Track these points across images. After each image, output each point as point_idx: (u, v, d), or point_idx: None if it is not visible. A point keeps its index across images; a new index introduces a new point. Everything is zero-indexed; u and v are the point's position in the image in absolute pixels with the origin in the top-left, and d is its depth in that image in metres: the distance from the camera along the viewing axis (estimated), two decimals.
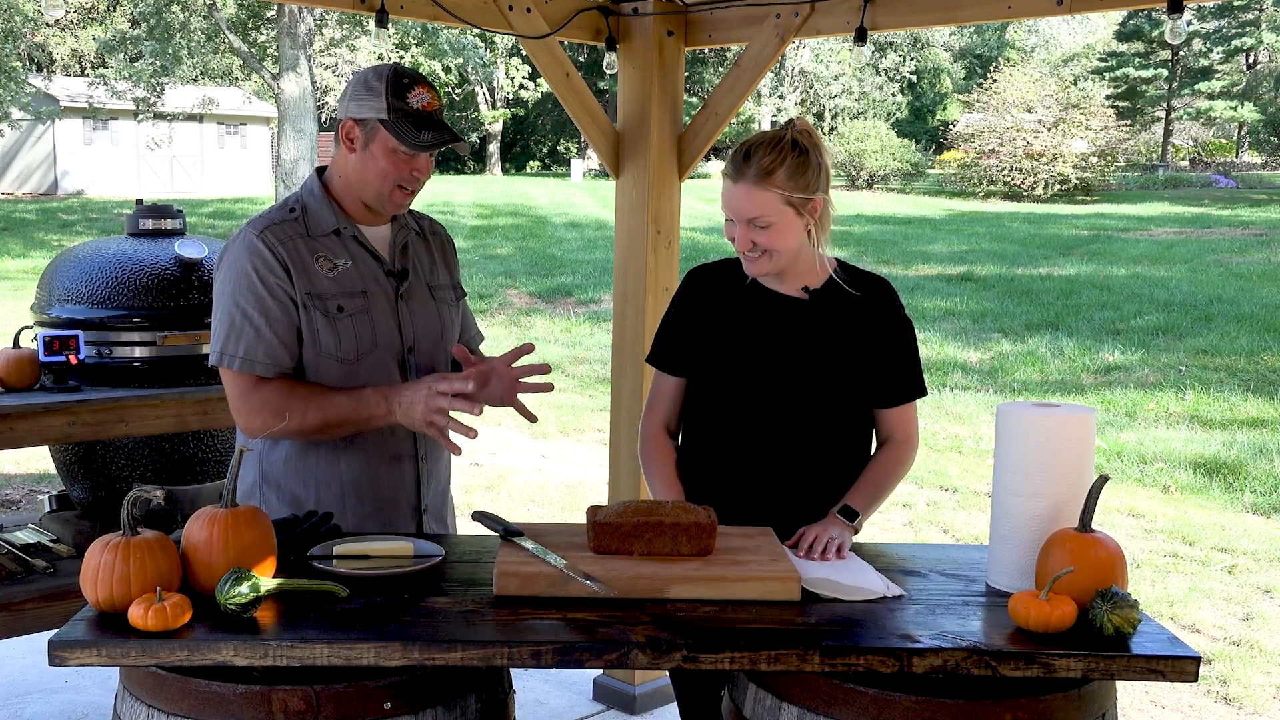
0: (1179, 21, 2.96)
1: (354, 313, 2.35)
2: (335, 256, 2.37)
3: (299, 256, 2.33)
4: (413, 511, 2.49)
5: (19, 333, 3.34)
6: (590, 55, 33.39)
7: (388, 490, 2.44)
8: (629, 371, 4.04)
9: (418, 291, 2.47)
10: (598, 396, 9.55)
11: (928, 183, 35.80)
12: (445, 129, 2.35)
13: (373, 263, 2.41)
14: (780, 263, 2.39)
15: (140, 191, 31.31)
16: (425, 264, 2.52)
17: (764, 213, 2.32)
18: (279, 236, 2.33)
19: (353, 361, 2.35)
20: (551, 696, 4.09)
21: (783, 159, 2.31)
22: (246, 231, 2.35)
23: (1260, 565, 5.81)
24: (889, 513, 6.54)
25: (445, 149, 2.40)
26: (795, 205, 2.33)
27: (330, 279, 2.35)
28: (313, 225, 2.38)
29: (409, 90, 2.31)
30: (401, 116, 2.30)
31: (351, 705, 1.78)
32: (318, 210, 2.39)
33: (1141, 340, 11.97)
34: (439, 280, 2.55)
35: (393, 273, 2.43)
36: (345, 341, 2.34)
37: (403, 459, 2.45)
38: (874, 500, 2.44)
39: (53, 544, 3.43)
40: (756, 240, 2.35)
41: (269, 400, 2.30)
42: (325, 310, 2.33)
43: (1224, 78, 41.00)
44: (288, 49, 19.21)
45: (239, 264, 2.32)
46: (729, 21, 3.87)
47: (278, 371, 2.32)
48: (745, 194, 2.32)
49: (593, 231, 21.63)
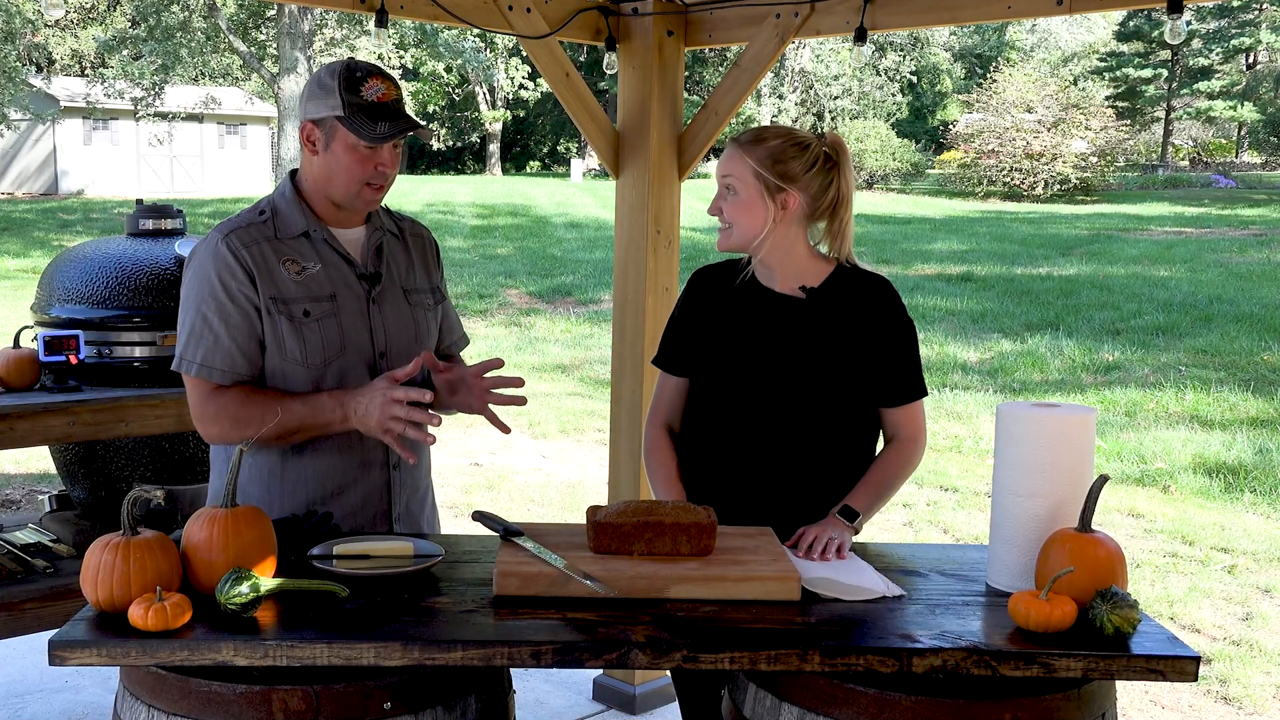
0: (1179, 21, 2.96)
1: (321, 317, 2.31)
2: (304, 259, 2.33)
3: (264, 261, 2.30)
4: (381, 518, 2.43)
5: (19, 333, 3.34)
6: (590, 55, 33.41)
7: (355, 497, 2.40)
8: (629, 372, 4.04)
9: (391, 295, 2.42)
10: (598, 397, 9.55)
11: (928, 183, 35.80)
12: (403, 118, 2.30)
13: (344, 265, 2.37)
14: (739, 240, 2.43)
15: (140, 191, 31.32)
16: (401, 267, 2.47)
17: (733, 173, 2.40)
18: (244, 240, 2.30)
19: (319, 366, 2.31)
20: (551, 696, 4.09)
21: (775, 138, 2.39)
22: (214, 235, 2.32)
23: (1260, 565, 5.81)
24: (889, 513, 6.54)
25: (410, 139, 2.36)
26: (766, 186, 2.36)
27: (297, 283, 2.31)
28: (282, 227, 2.34)
29: (362, 83, 2.27)
30: (356, 111, 2.25)
31: (351, 705, 1.79)
32: (287, 212, 2.36)
33: (1141, 340, 11.97)
34: (416, 284, 2.49)
35: (365, 275, 2.39)
36: (311, 346, 2.30)
37: (372, 465, 2.40)
38: (876, 500, 2.43)
39: (53, 544, 3.43)
40: (723, 208, 2.43)
41: (226, 409, 2.27)
42: (290, 315, 2.29)
43: (1224, 78, 40.99)
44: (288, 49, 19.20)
45: (203, 268, 2.29)
46: (729, 21, 3.87)
47: (234, 379, 2.28)
48: (727, 156, 2.43)
49: (593, 231, 21.64)
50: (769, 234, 2.40)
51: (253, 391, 2.29)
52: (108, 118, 32.35)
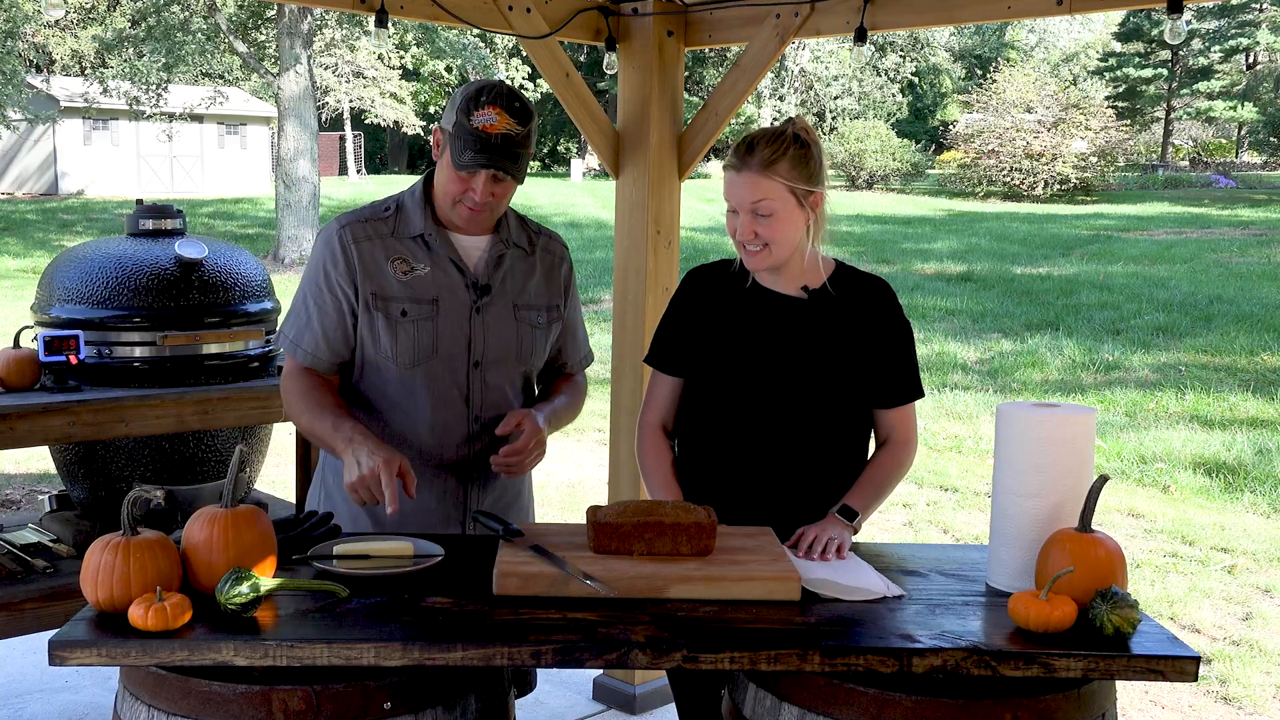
0: (1179, 21, 2.96)
1: (418, 319, 2.35)
2: (414, 260, 2.37)
3: (373, 257, 2.36)
4: (454, 525, 2.45)
5: (19, 333, 3.34)
6: (590, 55, 33.41)
7: (426, 500, 2.40)
8: (629, 371, 4.04)
9: (499, 307, 2.43)
10: (598, 397, 9.54)
11: (928, 183, 35.80)
12: (496, 153, 2.27)
13: (454, 272, 2.39)
14: (779, 256, 2.39)
15: (140, 191, 31.32)
16: (519, 281, 2.47)
17: (767, 197, 2.33)
18: (358, 235, 2.37)
19: (409, 367, 2.35)
20: (551, 696, 4.09)
21: (785, 150, 2.34)
22: (333, 224, 2.41)
23: (1260, 565, 5.81)
24: (889, 513, 6.54)
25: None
26: (798, 196, 2.35)
27: (402, 283, 2.35)
28: (401, 226, 2.40)
29: (477, 108, 2.27)
30: (461, 132, 2.27)
31: (351, 705, 1.78)
32: (411, 211, 2.41)
33: (1141, 340, 11.97)
34: (531, 300, 2.49)
35: (474, 285, 2.40)
36: (403, 346, 2.34)
37: (446, 471, 2.43)
38: (873, 501, 2.44)
39: (53, 544, 3.43)
40: (759, 231, 2.36)
41: (291, 390, 2.38)
42: (388, 313, 2.34)
43: (1224, 78, 41.00)
44: (288, 48, 19.20)
45: (316, 254, 2.40)
46: (729, 21, 3.87)
47: (314, 363, 2.37)
48: (749, 181, 2.34)
49: (593, 231, 21.64)
50: (806, 239, 2.41)
51: (314, 388, 2.37)
52: (107, 118, 32.33)
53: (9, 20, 22.75)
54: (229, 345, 3.41)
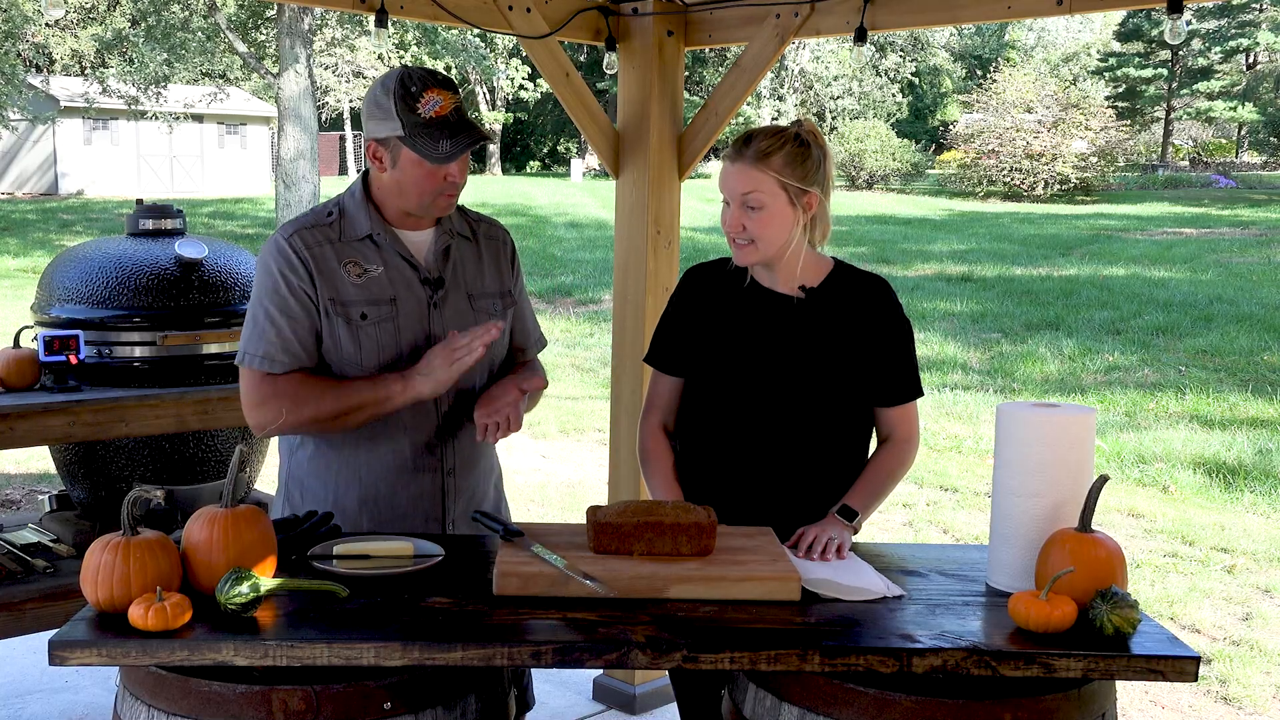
0: (1179, 21, 2.96)
1: (378, 320, 2.33)
2: (366, 262, 2.34)
3: (325, 262, 2.32)
4: (433, 524, 2.44)
5: (19, 333, 3.34)
6: (590, 55, 33.41)
7: (405, 502, 2.41)
8: (629, 371, 4.04)
9: (455, 300, 2.42)
10: (597, 397, 9.54)
11: (928, 183, 35.81)
12: (465, 129, 2.28)
13: (407, 269, 2.37)
14: (765, 252, 2.38)
15: (140, 191, 31.31)
16: (469, 270, 2.46)
17: (757, 188, 2.33)
18: (307, 241, 2.33)
19: (374, 369, 2.33)
20: (551, 696, 4.09)
21: (782, 145, 2.34)
22: (277, 235, 2.36)
23: (1260, 565, 5.81)
24: (889, 513, 6.54)
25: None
26: (790, 193, 2.34)
27: (357, 286, 2.32)
28: (347, 229, 2.36)
29: (418, 100, 2.25)
30: (418, 130, 2.25)
31: (351, 705, 1.78)
32: (355, 214, 2.37)
33: (1141, 340, 11.96)
34: (484, 288, 2.48)
35: (428, 280, 2.39)
36: (366, 349, 2.32)
37: (423, 471, 2.42)
38: (873, 500, 2.43)
39: (53, 544, 3.43)
40: (746, 224, 2.35)
41: (284, 390, 2.29)
42: (348, 317, 2.31)
43: (1224, 78, 41.00)
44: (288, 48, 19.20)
45: (266, 266, 2.34)
46: (729, 21, 3.87)
47: (295, 367, 2.31)
48: (741, 172, 2.34)
49: (593, 231, 21.63)
50: (795, 239, 2.39)
51: (310, 375, 2.33)
52: (107, 118, 32.34)
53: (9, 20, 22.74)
54: (229, 345, 3.41)
